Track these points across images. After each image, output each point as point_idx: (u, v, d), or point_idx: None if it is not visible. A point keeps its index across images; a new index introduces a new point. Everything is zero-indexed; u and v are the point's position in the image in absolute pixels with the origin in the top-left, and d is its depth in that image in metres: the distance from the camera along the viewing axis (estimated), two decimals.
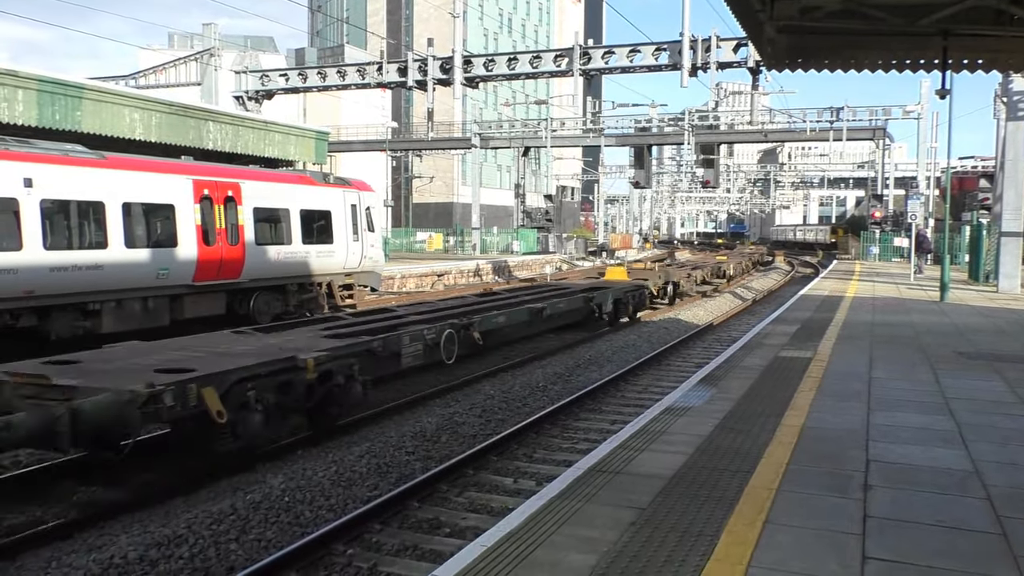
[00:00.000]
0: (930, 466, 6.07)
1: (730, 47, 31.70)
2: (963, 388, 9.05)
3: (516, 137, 56.92)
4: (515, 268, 39.68)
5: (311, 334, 10.98)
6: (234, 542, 6.53)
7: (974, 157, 71.22)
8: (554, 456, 8.99)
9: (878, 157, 53.22)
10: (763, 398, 8.39)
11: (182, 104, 21.83)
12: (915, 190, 33.55)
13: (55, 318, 13.42)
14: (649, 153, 49.82)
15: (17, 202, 12.71)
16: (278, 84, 40.32)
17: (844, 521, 4.91)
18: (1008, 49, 9.77)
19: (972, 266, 27.98)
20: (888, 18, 8.68)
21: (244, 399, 7.94)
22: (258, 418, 8.09)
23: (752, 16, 8.79)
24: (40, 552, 6.37)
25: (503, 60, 36.28)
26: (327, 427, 9.64)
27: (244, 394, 7.95)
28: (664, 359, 15.36)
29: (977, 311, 17.58)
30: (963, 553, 4.46)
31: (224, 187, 16.60)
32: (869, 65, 10.42)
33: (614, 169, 79.60)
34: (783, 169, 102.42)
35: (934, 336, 13.41)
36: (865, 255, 42.78)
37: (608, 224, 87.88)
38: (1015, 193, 22.58)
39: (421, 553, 6.35)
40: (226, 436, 7.81)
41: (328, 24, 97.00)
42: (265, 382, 8.30)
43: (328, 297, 19.88)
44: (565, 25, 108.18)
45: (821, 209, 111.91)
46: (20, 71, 17.18)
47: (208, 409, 7.40)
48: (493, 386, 12.66)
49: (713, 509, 5.11)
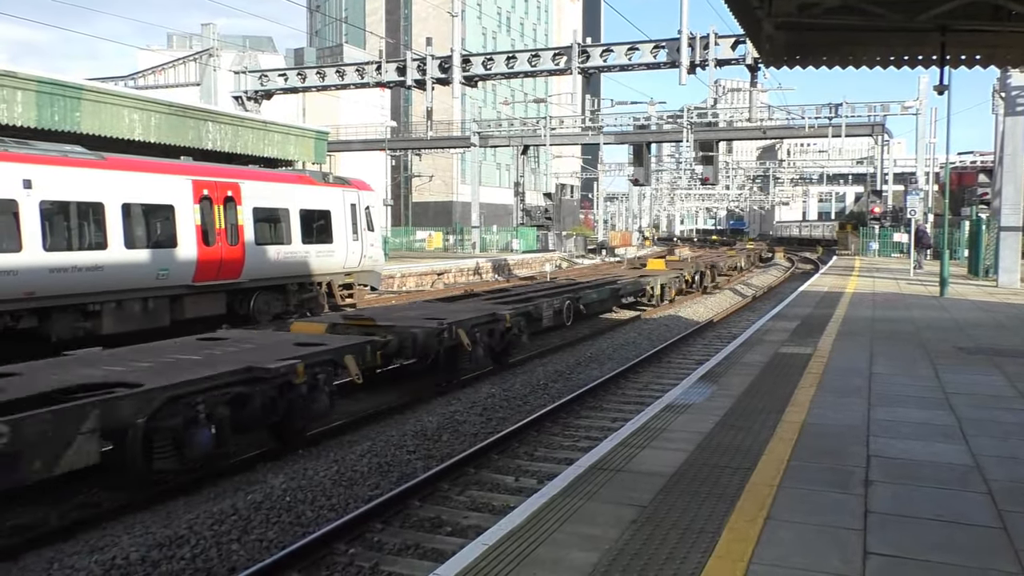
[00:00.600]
0: (931, 461, 6.08)
1: (728, 44, 31.69)
2: (963, 383, 9.05)
3: (515, 136, 56.92)
4: (515, 266, 39.68)
5: (483, 302, 16.04)
6: (236, 542, 6.54)
7: (973, 152, 71.16)
8: (555, 454, 9.00)
9: (877, 153, 53.19)
10: (764, 394, 8.40)
11: (181, 104, 21.82)
12: (914, 185, 33.53)
13: (55, 319, 13.43)
14: (648, 151, 49.86)
15: (16, 203, 12.72)
16: (277, 84, 40.30)
17: (845, 517, 4.92)
18: (1006, 44, 9.77)
19: (971, 261, 27.98)
20: (886, 14, 8.68)
21: (476, 336, 12.36)
22: (482, 350, 12.55)
23: (750, 13, 8.79)
24: (42, 553, 6.38)
25: (502, 59, 36.27)
26: (506, 363, 14.04)
27: (476, 334, 12.40)
28: (665, 356, 15.36)
29: (977, 306, 17.59)
30: (964, 547, 4.46)
31: (223, 187, 16.60)
32: (867, 61, 10.42)
33: (613, 167, 79.56)
34: (782, 166, 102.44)
35: (934, 331, 13.41)
36: (865, 251, 42.79)
37: (608, 222, 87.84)
38: (1014, 188, 22.59)
39: (423, 552, 6.36)
40: (469, 358, 12.34)
41: (327, 24, 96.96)
42: (481, 328, 12.76)
43: (328, 296, 19.89)
44: (563, 23, 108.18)
45: (820, 205, 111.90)
46: (19, 72, 17.18)
47: (461, 342, 11.96)
48: (494, 384, 12.67)
49: (714, 506, 5.12)
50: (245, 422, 8.08)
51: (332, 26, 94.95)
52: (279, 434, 9.09)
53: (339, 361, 9.42)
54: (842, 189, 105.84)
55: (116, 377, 7.63)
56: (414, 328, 11.19)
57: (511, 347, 13.93)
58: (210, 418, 7.54)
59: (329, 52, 79.40)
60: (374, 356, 10.28)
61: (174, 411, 7.26)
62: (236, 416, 7.90)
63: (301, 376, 8.47)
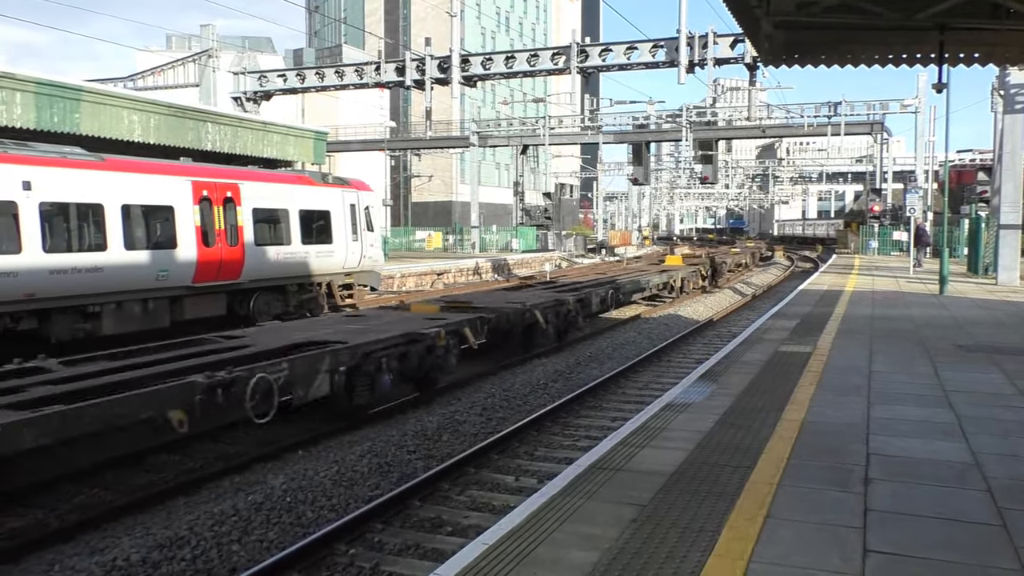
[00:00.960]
0: (930, 459, 6.08)
1: (727, 43, 31.69)
2: (963, 381, 9.06)
3: (514, 135, 56.90)
4: (515, 266, 39.68)
5: (542, 291, 18.52)
6: (236, 543, 6.54)
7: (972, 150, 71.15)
8: (555, 454, 9.01)
9: (876, 151, 53.16)
10: (763, 393, 8.40)
11: (180, 105, 21.82)
12: (913, 184, 33.53)
13: (55, 321, 13.43)
14: (647, 150, 49.86)
15: (16, 205, 12.72)
16: (276, 85, 40.29)
17: (845, 515, 4.92)
18: (1005, 42, 9.76)
19: (971, 259, 27.99)
20: (885, 12, 8.68)
21: (548, 317, 14.87)
22: (552, 329, 15.36)
23: (748, 12, 8.79)
24: (43, 555, 6.38)
25: (501, 59, 36.26)
26: (565, 341, 16.38)
27: (547, 315, 14.98)
28: (664, 355, 15.37)
29: (976, 304, 17.59)
30: (963, 545, 4.47)
31: (223, 188, 16.60)
32: (866, 60, 10.41)
33: (613, 166, 79.54)
34: (781, 164, 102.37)
35: (933, 329, 13.42)
36: (864, 249, 42.80)
37: (607, 221, 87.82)
38: (1013, 186, 22.59)
39: (423, 552, 6.36)
40: (543, 334, 14.90)
41: (326, 24, 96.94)
42: (551, 310, 15.35)
43: (328, 297, 19.89)
44: (562, 23, 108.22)
45: (820, 204, 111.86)
46: (18, 74, 17.18)
47: (537, 320, 14.77)
48: (494, 384, 12.67)
49: (714, 505, 5.12)
50: (406, 372, 10.98)
51: (331, 27, 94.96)
52: (420, 385, 11.65)
53: (460, 331, 12.43)
54: (841, 188, 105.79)
55: (330, 337, 10.75)
56: (505, 308, 14.15)
57: (571, 327, 16.60)
58: (388, 367, 10.47)
59: (328, 53, 79.38)
60: (482, 329, 13.14)
61: (368, 362, 10.15)
62: (401, 367, 10.83)
63: (442, 340, 11.51)
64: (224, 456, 9.03)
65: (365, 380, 10.09)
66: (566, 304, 16.12)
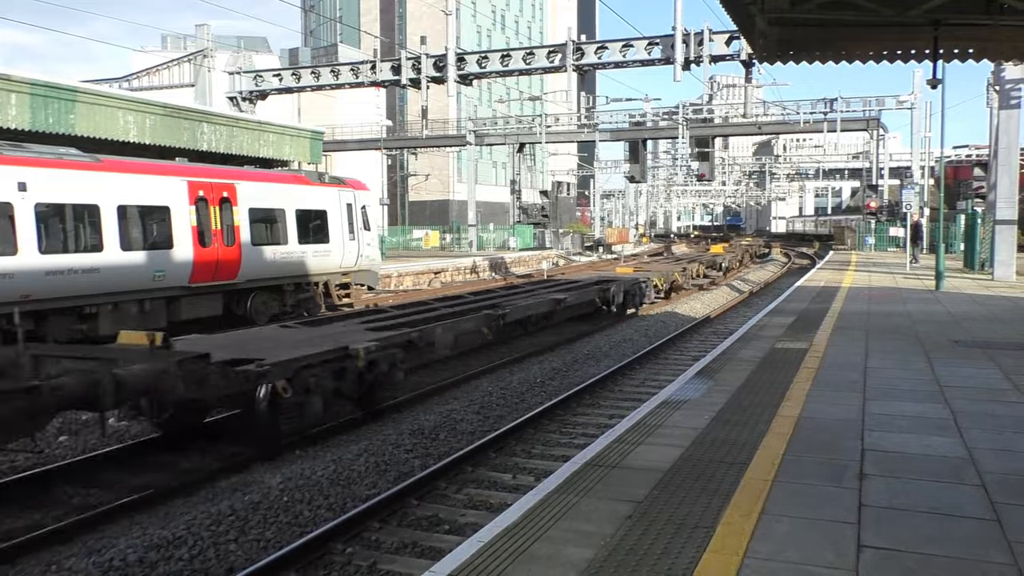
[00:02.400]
0: (925, 454, 6.10)
1: (723, 40, 31.71)
2: (958, 376, 9.08)
3: (511, 133, 56.87)
4: (512, 264, 39.68)
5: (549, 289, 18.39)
6: (233, 543, 6.55)
7: (968, 146, 71.30)
8: (552, 451, 9.02)
9: (872, 147, 53.23)
10: (759, 390, 8.42)
11: (176, 106, 21.80)
12: (910, 180, 33.57)
13: (52, 322, 13.43)
14: (644, 147, 49.90)
15: (11, 206, 12.71)
16: (272, 84, 40.26)
17: (840, 510, 4.94)
18: (998, 38, 9.78)
19: (967, 255, 28.03)
20: (879, 9, 8.69)
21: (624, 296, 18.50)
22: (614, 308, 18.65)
23: (743, 9, 8.80)
24: (39, 556, 6.38)
25: (496, 57, 36.27)
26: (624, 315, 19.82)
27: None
28: (661, 353, 15.38)
29: (972, 299, 17.63)
30: (957, 540, 4.48)
31: (219, 188, 16.60)
32: (860, 56, 10.43)
33: (609, 164, 79.51)
34: (778, 161, 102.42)
35: (929, 325, 13.45)
36: (861, 246, 42.86)
37: (604, 219, 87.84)
38: (1009, 181, 22.63)
39: (420, 550, 6.37)
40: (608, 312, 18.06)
41: (321, 24, 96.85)
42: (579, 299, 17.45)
43: (325, 296, 19.89)
44: (558, 21, 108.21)
45: (817, 200, 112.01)
46: (13, 75, 17.15)
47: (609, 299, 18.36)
48: (491, 382, 12.68)
49: (709, 501, 5.13)
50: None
51: (326, 26, 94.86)
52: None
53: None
54: (838, 184, 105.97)
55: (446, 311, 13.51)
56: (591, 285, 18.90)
57: (630, 306, 20.34)
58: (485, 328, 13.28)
59: (324, 52, 79.31)
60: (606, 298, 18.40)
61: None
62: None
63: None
64: (222, 456, 9.03)
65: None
66: (636, 284, 20.50)
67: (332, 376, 9.27)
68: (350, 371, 9.48)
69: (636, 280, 21.06)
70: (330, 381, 9.23)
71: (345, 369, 9.45)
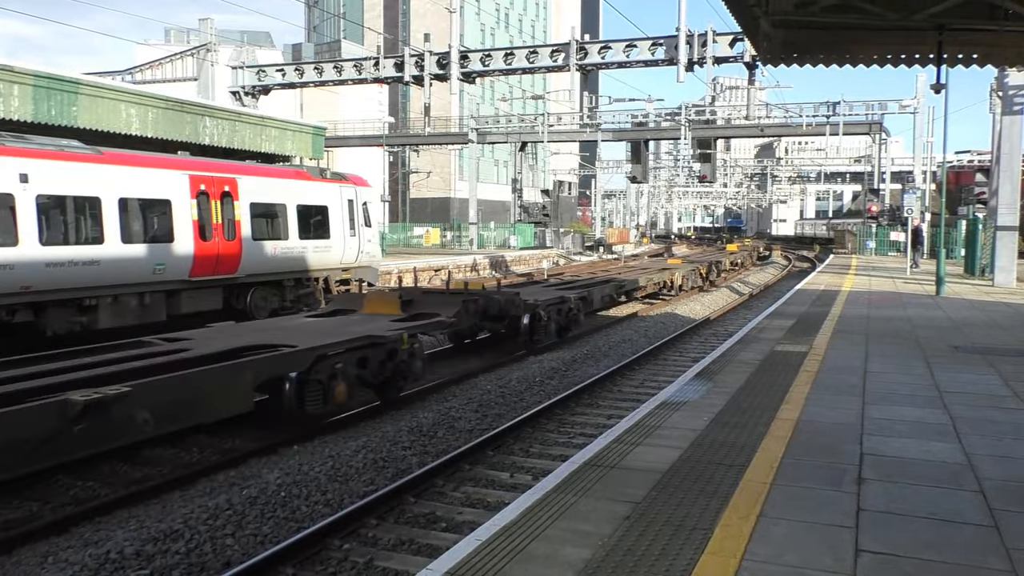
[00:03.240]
0: (924, 459, 6.10)
1: (726, 42, 31.71)
2: (958, 382, 9.08)
3: (513, 132, 56.85)
4: (512, 263, 39.66)
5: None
6: (230, 537, 6.54)
7: (970, 151, 71.27)
8: (550, 451, 9.01)
9: (874, 151, 53.19)
10: (759, 392, 8.42)
11: (178, 99, 21.75)
12: (911, 184, 33.55)
13: (51, 314, 13.41)
14: (646, 148, 49.88)
15: (13, 197, 12.69)
16: (275, 79, 40.24)
17: (838, 514, 4.94)
18: (1003, 44, 9.78)
19: (968, 260, 28.02)
20: (883, 12, 8.69)
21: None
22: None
23: (748, 11, 8.80)
24: (36, 547, 6.38)
25: (500, 55, 36.26)
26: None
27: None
28: (661, 353, 15.38)
29: (972, 305, 17.62)
30: (955, 545, 4.48)
31: (221, 182, 16.59)
32: (864, 60, 10.43)
33: (611, 164, 79.54)
34: (780, 164, 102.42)
35: (929, 330, 13.44)
36: (862, 249, 42.85)
37: (605, 219, 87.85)
38: (1011, 187, 22.62)
39: (417, 548, 6.37)
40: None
41: (325, 19, 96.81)
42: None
43: (325, 292, 19.88)
44: (562, 20, 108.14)
45: (818, 204, 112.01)
46: (16, 66, 17.11)
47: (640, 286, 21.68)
48: (490, 381, 12.67)
49: (708, 503, 5.13)
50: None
51: (330, 22, 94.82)
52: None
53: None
54: (840, 187, 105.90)
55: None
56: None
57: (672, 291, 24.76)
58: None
59: (327, 48, 79.31)
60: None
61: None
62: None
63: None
64: (220, 450, 9.03)
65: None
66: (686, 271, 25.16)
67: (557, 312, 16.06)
68: (564, 310, 16.46)
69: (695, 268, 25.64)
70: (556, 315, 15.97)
71: (562, 310, 16.36)
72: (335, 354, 9.69)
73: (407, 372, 10.98)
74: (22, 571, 5.97)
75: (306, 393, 9.17)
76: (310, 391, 9.22)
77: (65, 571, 5.88)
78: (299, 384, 9.11)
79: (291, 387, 9.08)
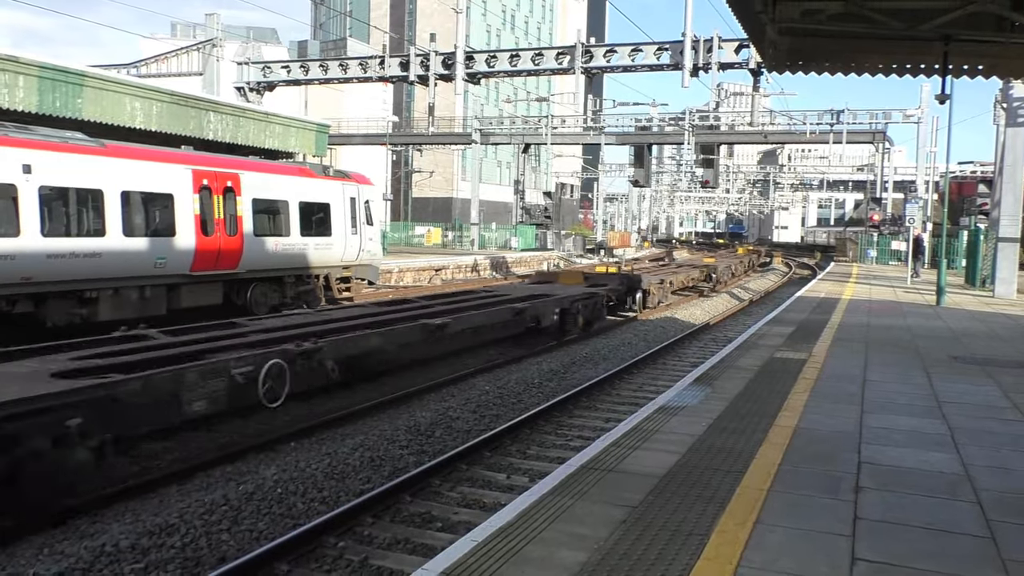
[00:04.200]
0: (921, 469, 6.09)
1: (732, 48, 31.68)
2: (957, 392, 9.08)
3: (516, 134, 56.85)
4: (513, 264, 39.66)
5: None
6: (226, 532, 6.55)
7: (973, 162, 71.21)
8: (547, 453, 9.01)
9: (877, 160, 53.22)
10: (757, 399, 8.41)
11: (183, 94, 21.77)
12: (914, 194, 33.55)
13: (52, 305, 13.41)
14: (649, 152, 49.80)
15: (15, 188, 12.70)
16: (280, 76, 40.23)
17: (835, 522, 4.93)
18: (1009, 56, 9.78)
19: (969, 271, 28.01)
20: (889, 22, 8.69)
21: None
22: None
23: (754, 18, 8.79)
24: (32, 539, 6.38)
25: (505, 57, 36.24)
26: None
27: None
28: (659, 358, 15.38)
29: (973, 316, 17.62)
30: (951, 556, 4.48)
31: (223, 177, 16.59)
32: (870, 68, 10.43)
33: (614, 167, 79.48)
34: (783, 171, 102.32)
35: (929, 340, 13.44)
36: (862, 258, 42.85)
37: (607, 222, 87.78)
38: (1013, 198, 22.62)
39: (412, 547, 6.37)
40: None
41: (331, 17, 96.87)
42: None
43: (325, 289, 19.88)
44: (568, 23, 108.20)
45: (820, 211, 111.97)
46: (21, 57, 17.13)
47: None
48: (488, 381, 12.67)
49: (704, 508, 5.13)
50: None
51: (336, 19, 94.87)
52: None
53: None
54: (842, 196, 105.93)
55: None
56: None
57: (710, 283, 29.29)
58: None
59: (333, 45, 79.28)
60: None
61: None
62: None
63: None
64: (217, 445, 9.03)
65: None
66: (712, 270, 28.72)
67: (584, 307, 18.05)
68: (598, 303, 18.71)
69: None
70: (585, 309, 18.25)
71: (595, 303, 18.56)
72: (575, 300, 17.33)
73: (601, 315, 18.52)
74: (18, 563, 5.97)
75: (565, 321, 16.75)
76: (566, 320, 16.85)
77: (61, 563, 5.88)
78: (561, 314, 16.62)
79: (558, 317, 16.56)
